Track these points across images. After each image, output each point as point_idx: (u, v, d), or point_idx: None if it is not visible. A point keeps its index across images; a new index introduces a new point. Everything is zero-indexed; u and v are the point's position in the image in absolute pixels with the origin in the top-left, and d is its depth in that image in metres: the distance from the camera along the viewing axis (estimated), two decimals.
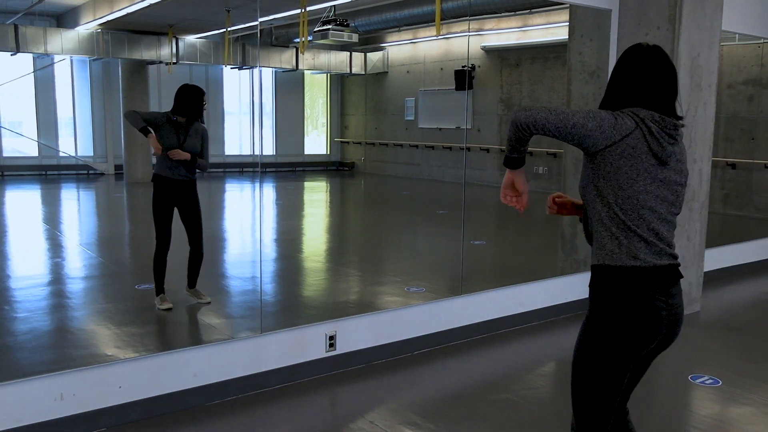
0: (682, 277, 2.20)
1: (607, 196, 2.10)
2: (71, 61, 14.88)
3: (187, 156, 4.70)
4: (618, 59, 2.28)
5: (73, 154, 15.28)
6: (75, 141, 15.39)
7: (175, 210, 4.87)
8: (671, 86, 2.19)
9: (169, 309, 4.77)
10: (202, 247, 4.97)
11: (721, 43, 5.58)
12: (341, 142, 18.33)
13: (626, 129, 2.06)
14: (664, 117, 2.11)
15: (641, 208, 2.09)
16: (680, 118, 2.20)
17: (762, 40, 8.39)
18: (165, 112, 4.77)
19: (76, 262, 7.19)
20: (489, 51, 13.99)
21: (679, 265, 2.18)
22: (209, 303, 4.98)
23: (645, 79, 2.17)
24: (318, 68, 17.01)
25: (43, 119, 14.89)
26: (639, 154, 2.06)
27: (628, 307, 2.09)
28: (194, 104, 4.78)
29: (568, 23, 5.83)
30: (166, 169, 4.77)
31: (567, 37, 5.84)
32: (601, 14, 5.49)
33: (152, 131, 4.67)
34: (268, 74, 16.82)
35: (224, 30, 12.69)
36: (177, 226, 4.87)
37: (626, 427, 2.41)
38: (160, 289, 4.84)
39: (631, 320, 2.09)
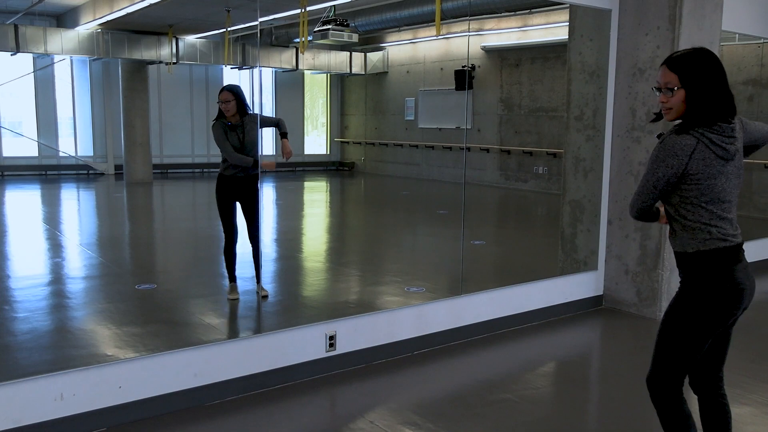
0: (744, 252, 2.57)
1: (692, 199, 2.42)
2: (71, 61, 14.88)
3: (271, 164, 5.18)
4: (693, 70, 2.38)
5: (73, 154, 15.28)
6: (75, 141, 15.40)
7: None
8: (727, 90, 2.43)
9: (236, 299, 5.04)
10: (259, 242, 5.19)
11: (721, 43, 5.58)
12: (341, 142, 18.34)
13: (689, 148, 2.34)
14: (720, 124, 2.37)
15: (722, 203, 2.42)
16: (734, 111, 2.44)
17: (762, 40, 8.39)
18: (217, 119, 4.99)
19: (76, 262, 7.19)
20: (489, 51, 13.99)
21: (743, 242, 2.56)
22: (266, 297, 5.23)
23: (719, 92, 2.38)
24: (318, 68, 17.01)
25: (43, 119, 14.90)
26: (710, 162, 2.36)
27: (720, 281, 2.45)
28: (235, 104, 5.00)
29: (568, 23, 5.83)
30: (230, 168, 5.01)
31: (567, 37, 5.84)
32: (601, 14, 5.49)
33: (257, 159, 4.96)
34: (268, 74, 16.83)
35: (224, 30, 12.70)
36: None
37: (722, 405, 2.65)
38: (231, 278, 5.11)
39: (722, 293, 2.45)
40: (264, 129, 5.45)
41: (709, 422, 2.63)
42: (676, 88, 2.38)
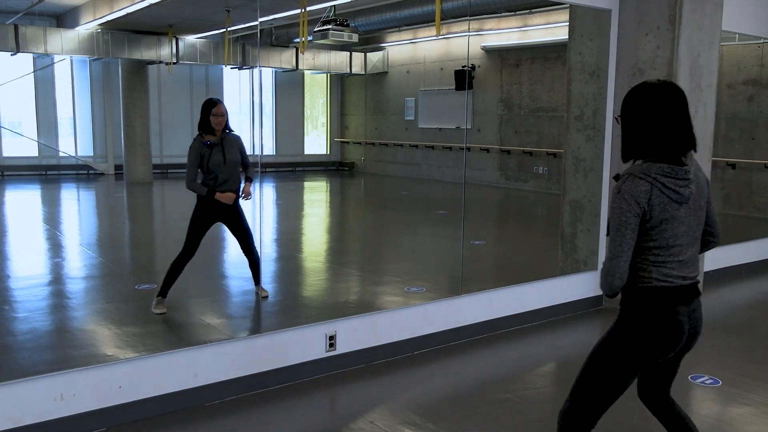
0: (701, 293, 2.43)
1: (639, 245, 2.30)
2: (71, 61, 14.88)
3: (231, 198, 4.77)
4: (628, 98, 2.34)
5: (73, 154, 15.28)
6: (75, 141, 15.39)
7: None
8: (683, 128, 2.28)
9: (162, 314, 4.74)
10: (256, 252, 5.00)
11: (721, 43, 5.58)
12: (341, 142, 18.33)
13: (645, 194, 2.24)
14: (673, 167, 2.26)
15: (670, 248, 2.30)
16: (694, 146, 2.32)
17: (762, 40, 8.39)
18: (196, 137, 4.80)
19: (77, 262, 7.19)
20: (489, 51, 13.99)
21: (698, 282, 2.41)
22: (266, 297, 5.12)
23: (656, 128, 2.28)
24: (318, 68, 17.01)
25: (43, 119, 14.89)
26: (664, 207, 2.25)
27: (655, 319, 2.32)
28: (204, 118, 4.80)
29: (568, 23, 5.83)
30: (212, 188, 4.79)
31: (567, 37, 5.84)
32: (601, 14, 5.49)
33: (217, 191, 4.76)
34: (268, 74, 16.83)
35: (224, 30, 12.69)
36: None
37: (677, 414, 2.60)
38: (163, 293, 4.80)
39: (656, 332, 2.32)
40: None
41: (674, 428, 2.59)
42: (617, 117, 2.40)
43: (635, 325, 2.34)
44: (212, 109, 4.77)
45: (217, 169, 4.76)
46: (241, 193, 4.90)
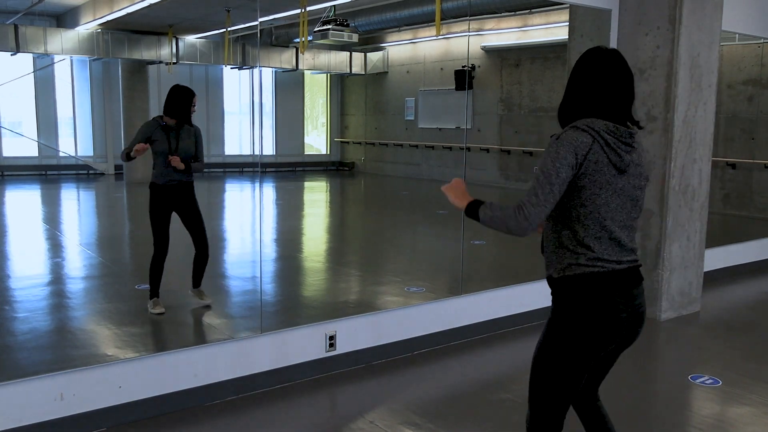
0: (642, 279, 2.26)
1: (568, 213, 2.15)
2: (71, 61, 14.88)
3: (181, 165, 4.64)
4: (576, 62, 2.28)
5: (73, 154, 15.28)
6: (75, 141, 15.39)
7: (174, 214, 4.84)
8: (628, 92, 2.21)
9: (161, 314, 4.73)
10: (208, 247, 4.95)
11: (721, 43, 5.58)
12: (341, 142, 18.33)
13: (585, 147, 2.08)
14: (618, 126, 2.15)
15: (603, 220, 2.13)
16: (637, 122, 2.24)
17: (762, 40, 8.39)
18: (155, 117, 4.73)
19: (76, 262, 7.19)
20: (489, 51, 13.99)
21: (639, 266, 2.24)
22: (209, 306, 4.97)
23: (603, 85, 2.18)
24: (318, 68, 17.01)
25: (43, 119, 14.90)
26: (601, 168, 2.09)
27: (589, 309, 2.16)
28: (181, 106, 4.72)
29: (568, 23, 5.83)
30: (160, 176, 4.70)
31: (567, 37, 5.84)
32: (601, 14, 5.49)
33: (132, 150, 4.58)
34: (268, 74, 16.83)
35: (224, 30, 12.70)
36: (176, 227, 4.87)
37: (598, 411, 2.48)
38: (154, 293, 4.79)
39: (592, 322, 2.16)
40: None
41: (592, 427, 2.49)
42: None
43: (569, 317, 2.17)
44: (194, 98, 4.75)
45: (163, 152, 4.64)
46: (168, 158, 4.66)
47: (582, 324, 2.16)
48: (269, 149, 17.38)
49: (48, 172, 14.93)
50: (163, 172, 4.70)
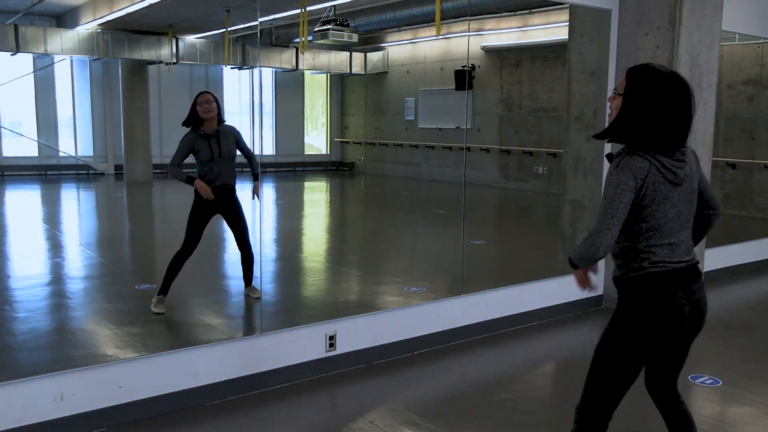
0: (701, 275, 2.43)
1: (630, 228, 2.31)
2: (71, 61, 14.88)
3: (208, 193, 4.72)
4: (638, 84, 2.27)
5: (73, 154, 15.29)
6: (75, 141, 15.40)
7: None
8: (686, 120, 2.28)
9: (161, 314, 4.72)
10: (251, 247, 5.04)
11: (721, 43, 5.59)
12: (341, 142, 18.34)
13: (643, 171, 2.23)
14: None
15: (662, 230, 2.31)
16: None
17: (762, 40, 8.39)
18: (191, 129, 4.80)
19: (76, 262, 7.19)
20: (489, 51, 13.99)
21: (697, 263, 2.42)
22: (259, 298, 5.05)
23: (664, 118, 2.24)
24: (318, 68, 17.01)
25: (43, 119, 14.90)
26: (658, 187, 2.25)
27: (653, 303, 2.32)
28: (190, 111, 4.80)
29: (568, 23, 5.83)
30: (206, 180, 4.79)
31: (567, 37, 5.84)
32: (601, 14, 5.49)
33: (197, 178, 4.74)
34: (268, 74, 16.83)
35: (224, 30, 12.70)
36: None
37: (682, 412, 2.59)
38: (163, 290, 4.78)
39: (655, 315, 2.32)
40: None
41: (676, 429, 2.59)
42: (617, 93, 2.33)
43: (634, 313, 2.33)
44: (197, 98, 4.80)
45: (209, 162, 4.75)
46: (253, 196, 4.95)
47: (646, 317, 2.32)
48: (269, 149, 17.38)
49: (48, 172, 14.93)
50: (209, 177, 4.79)
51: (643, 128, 2.25)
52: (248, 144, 5.15)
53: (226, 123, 4.92)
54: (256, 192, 4.99)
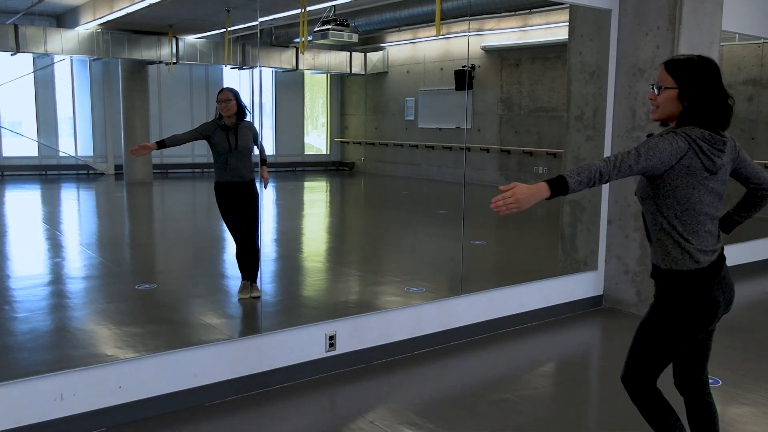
0: (725, 258, 2.51)
1: (666, 210, 2.40)
2: (71, 61, 14.87)
3: (137, 151, 4.78)
4: (685, 70, 2.40)
5: (73, 154, 15.28)
6: (75, 141, 15.39)
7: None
8: (727, 103, 2.41)
9: (257, 297, 5.00)
10: (257, 243, 5.14)
11: (721, 43, 5.58)
12: (341, 142, 18.33)
13: (681, 151, 2.31)
14: (713, 135, 2.36)
15: (698, 215, 2.39)
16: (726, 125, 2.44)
17: (762, 40, 8.39)
18: (213, 119, 4.96)
19: (76, 262, 7.19)
20: (489, 51, 13.99)
21: (723, 248, 2.51)
22: (258, 297, 5.11)
23: (709, 97, 2.37)
24: (318, 68, 17.01)
25: (43, 119, 14.89)
26: (694, 171, 2.33)
27: (693, 300, 2.43)
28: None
29: (568, 23, 5.83)
30: (223, 174, 4.95)
31: (567, 37, 5.84)
32: (601, 14, 5.49)
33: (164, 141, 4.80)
34: (268, 74, 16.83)
35: (224, 30, 12.69)
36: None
37: (708, 407, 2.68)
38: (248, 278, 5.10)
39: (695, 312, 2.44)
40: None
41: (696, 423, 2.67)
42: (663, 87, 2.42)
43: (673, 308, 2.45)
44: (218, 95, 4.96)
45: (226, 153, 4.89)
46: (262, 184, 5.05)
47: (684, 313, 2.44)
48: (269, 149, 17.37)
49: (48, 172, 14.92)
50: (225, 170, 4.94)
51: (709, 108, 2.36)
52: None
53: (248, 119, 5.03)
54: (263, 177, 5.08)
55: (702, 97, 2.37)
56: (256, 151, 5.12)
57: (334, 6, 11.46)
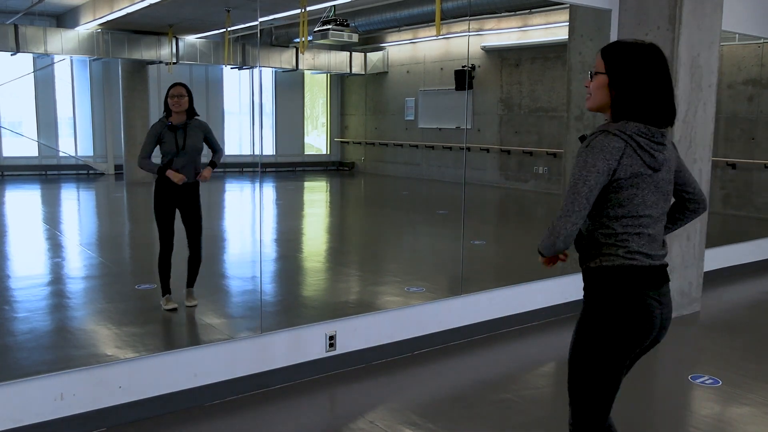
0: (668, 279, 2.25)
1: (606, 213, 2.15)
2: (71, 61, 14.87)
3: (180, 179, 4.65)
4: (615, 59, 2.20)
5: (73, 154, 15.28)
6: (75, 141, 15.39)
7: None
8: (667, 90, 2.17)
9: (174, 309, 4.76)
10: (201, 250, 4.93)
11: (721, 43, 5.58)
12: (341, 142, 18.33)
13: (618, 151, 2.09)
14: (649, 127, 2.14)
15: (640, 217, 2.15)
16: (672, 118, 2.21)
17: (762, 40, 8.39)
18: (160, 119, 4.74)
19: (76, 262, 7.19)
20: (489, 51, 13.99)
21: (667, 265, 2.25)
22: (195, 306, 4.91)
23: (642, 86, 2.14)
24: (318, 68, 17.01)
25: (43, 119, 14.89)
26: (636, 170, 2.11)
27: (623, 305, 2.15)
28: (164, 102, 4.73)
29: (568, 23, 5.83)
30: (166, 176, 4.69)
31: (567, 37, 5.84)
32: (601, 14, 5.49)
33: (169, 167, 4.65)
34: (268, 74, 16.82)
35: (224, 30, 12.69)
36: (179, 225, 4.87)
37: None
38: (165, 290, 4.81)
39: (626, 318, 2.15)
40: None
41: None
42: (595, 73, 2.23)
43: (602, 312, 2.17)
44: (170, 90, 4.70)
45: (172, 154, 4.65)
46: (199, 177, 4.78)
47: (615, 319, 2.15)
48: (269, 149, 17.37)
49: (48, 172, 14.92)
50: (173, 168, 4.70)
51: (639, 97, 2.14)
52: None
53: (198, 117, 4.81)
54: (203, 175, 4.77)
55: (630, 87, 2.14)
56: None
57: (334, 6, 11.46)
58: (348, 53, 16.65)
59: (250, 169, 15.49)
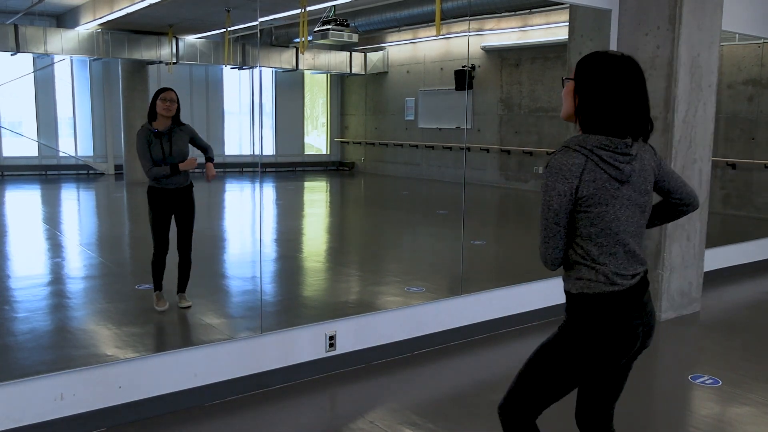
0: (648, 283, 2.21)
1: (580, 229, 2.09)
2: (71, 61, 14.87)
3: (192, 162, 4.67)
4: (581, 67, 2.15)
5: (73, 154, 15.28)
6: (75, 141, 15.39)
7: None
8: (631, 102, 2.08)
9: (164, 310, 4.76)
10: (190, 254, 4.90)
11: (721, 43, 5.58)
12: (341, 142, 18.33)
13: (578, 168, 2.01)
14: (611, 139, 2.04)
15: (615, 234, 2.08)
16: (647, 129, 2.14)
17: (762, 40, 8.39)
18: (143, 125, 4.67)
19: (76, 262, 7.19)
20: (489, 51, 13.99)
21: (647, 271, 2.20)
22: (189, 307, 4.89)
23: (602, 98, 2.07)
24: (318, 68, 17.01)
25: (43, 119, 14.89)
26: (601, 184, 2.03)
27: (606, 328, 2.11)
28: (150, 107, 4.67)
29: (568, 23, 5.83)
30: (157, 180, 4.66)
31: (567, 37, 5.84)
32: (601, 14, 5.49)
33: (179, 163, 4.66)
34: (268, 74, 16.82)
35: (224, 30, 12.70)
36: (174, 225, 4.87)
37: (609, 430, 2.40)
38: (158, 286, 4.83)
39: (607, 338, 2.11)
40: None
41: None
42: (566, 79, 2.18)
43: (582, 336, 2.12)
44: (161, 94, 4.63)
45: (159, 161, 4.61)
46: (206, 178, 4.82)
47: (596, 340, 2.11)
48: (269, 149, 17.37)
49: (48, 172, 14.92)
50: (159, 179, 4.67)
51: (593, 109, 2.07)
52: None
53: (183, 124, 4.76)
54: (208, 173, 4.83)
55: (592, 94, 2.06)
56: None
57: (334, 6, 11.46)
58: (348, 53, 16.66)
59: (250, 169, 15.50)
